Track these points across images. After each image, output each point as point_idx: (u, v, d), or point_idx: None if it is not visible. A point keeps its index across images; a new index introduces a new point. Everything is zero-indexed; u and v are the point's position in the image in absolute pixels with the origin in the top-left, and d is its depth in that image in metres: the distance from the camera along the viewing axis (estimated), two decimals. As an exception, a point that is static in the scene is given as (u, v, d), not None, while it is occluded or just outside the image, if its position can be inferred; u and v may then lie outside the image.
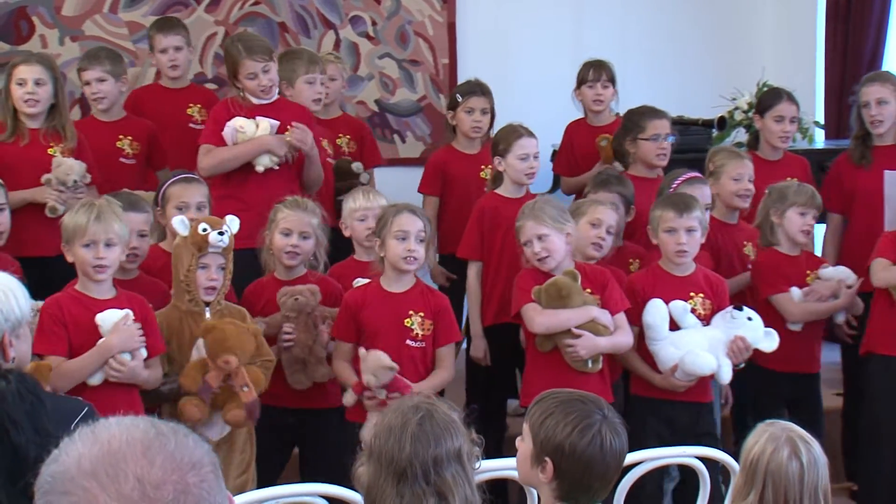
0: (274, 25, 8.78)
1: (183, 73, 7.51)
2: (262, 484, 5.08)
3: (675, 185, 6.35)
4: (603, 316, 5.71)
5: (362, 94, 8.90)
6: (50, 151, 6.52)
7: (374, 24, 9.02)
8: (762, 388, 6.49)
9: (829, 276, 6.37)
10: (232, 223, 5.58)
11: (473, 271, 6.61)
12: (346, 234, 6.32)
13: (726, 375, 5.84)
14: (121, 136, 7.08)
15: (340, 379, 5.70)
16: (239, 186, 6.58)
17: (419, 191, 7.19)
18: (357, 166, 7.30)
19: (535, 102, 7.81)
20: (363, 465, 3.32)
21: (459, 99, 7.23)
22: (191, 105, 7.46)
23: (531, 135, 6.70)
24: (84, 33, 8.50)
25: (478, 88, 7.27)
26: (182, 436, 1.90)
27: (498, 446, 6.34)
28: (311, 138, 6.59)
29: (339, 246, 6.46)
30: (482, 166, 7.15)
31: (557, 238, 5.75)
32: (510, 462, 4.06)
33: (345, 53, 8.82)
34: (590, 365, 5.63)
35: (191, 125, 7.37)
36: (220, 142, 6.56)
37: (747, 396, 6.54)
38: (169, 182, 6.10)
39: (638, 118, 7.16)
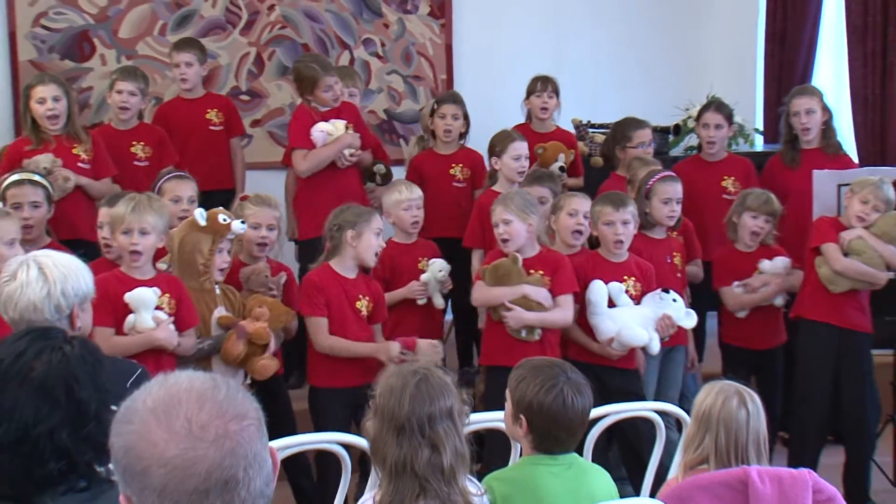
0: (298, 46, 8.63)
1: (193, 86, 7.38)
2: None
3: (651, 183, 6.20)
4: (537, 294, 5.63)
5: (373, 104, 8.79)
6: (74, 151, 6.50)
7: (382, 45, 8.89)
8: (728, 362, 6.45)
9: (767, 270, 6.30)
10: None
11: (476, 257, 6.48)
12: (390, 221, 6.25)
13: (655, 347, 5.77)
14: (134, 142, 6.99)
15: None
16: (331, 178, 6.59)
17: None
18: (378, 167, 7.16)
19: (517, 111, 7.55)
20: (370, 420, 3.27)
21: (435, 107, 7.23)
22: (209, 110, 7.37)
23: (522, 139, 6.70)
24: (137, 53, 8.36)
25: (450, 97, 7.31)
26: (234, 391, 1.94)
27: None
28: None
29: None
30: (452, 164, 7.14)
31: (519, 225, 5.68)
32: (495, 415, 4.05)
33: (358, 70, 8.51)
34: (523, 334, 5.59)
35: (210, 128, 7.34)
36: (311, 145, 6.62)
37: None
38: (164, 179, 6.08)
39: (625, 129, 7.10)
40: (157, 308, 4.99)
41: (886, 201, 5.99)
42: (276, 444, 4.03)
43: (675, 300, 5.87)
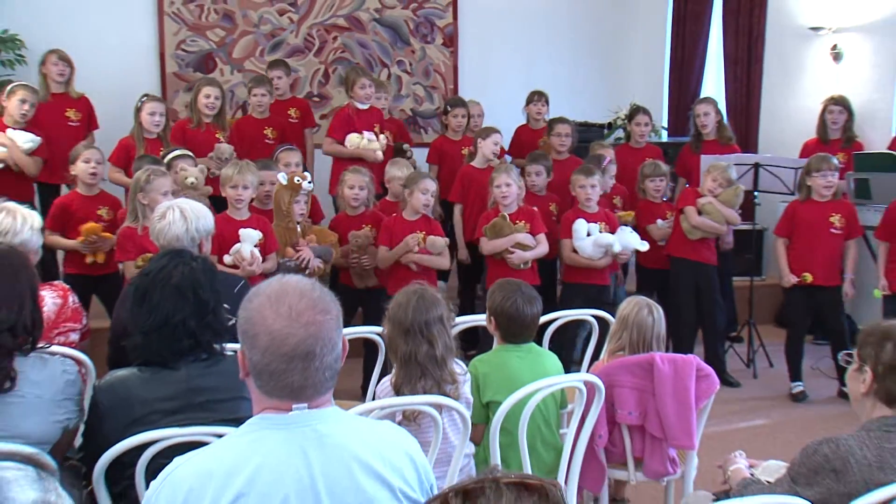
0: (352, 64, 8.33)
1: (283, 92, 7.37)
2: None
3: (604, 164, 6.38)
4: (525, 239, 5.64)
5: (403, 105, 8.82)
6: (217, 136, 6.45)
7: (410, 64, 8.88)
8: (672, 275, 6.40)
9: (660, 227, 6.38)
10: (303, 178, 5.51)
11: (458, 210, 6.53)
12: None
13: (625, 253, 5.90)
14: (266, 127, 6.90)
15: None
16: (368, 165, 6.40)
17: (426, 161, 7.10)
18: (406, 146, 7.15)
19: (502, 112, 7.54)
20: (385, 326, 3.30)
21: (448, 108, 7.25)
22: (290, 108, 7.36)
23: (499, 132, 6.63)
24: (245, 67, 8.35)
25: (458, 102, 7.32)
26: (325, 293, 1.98)
27: (472, 305, 6.51)
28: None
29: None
30: (462, 148, 7.05)
31: (515, 188, 5.72)
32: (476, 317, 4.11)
33: (393, 81, 8.63)
34: (521, 266, 5.58)
35: (290, 120, 7.28)
36: (340, 136, 6.66)
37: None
38: (280, 150, 6.03)
39: (552, 124, 7.07)
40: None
41: (729, 180, 6.14)
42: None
43: (631, 231, 5.95)
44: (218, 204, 5.19)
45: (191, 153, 5.79)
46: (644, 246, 5.96)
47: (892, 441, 2.55)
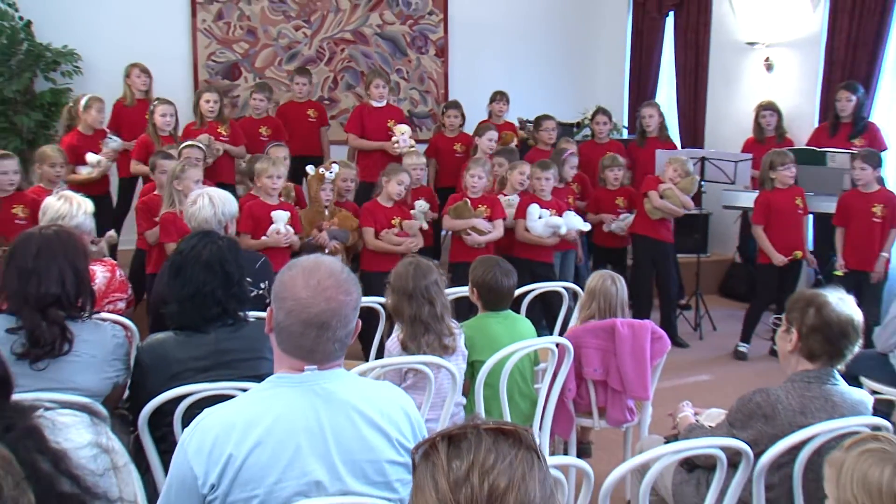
0: (357, 73, 8.43)
1: (306, 96, 7.31)
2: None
3: (564, 156, 6.26)
4: (480, 224, 5.55)
5: (401, 106, 8.36)
6: (218, 130, 6.36)
7: (407, 72, 8.75)
8: (634, 250, 6.40)
9: (622, 220, 6.35)
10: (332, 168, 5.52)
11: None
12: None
13: (571, 233, 5.82)
14: (262, 126, 6.84)
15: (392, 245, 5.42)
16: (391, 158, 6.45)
17: (424, 154, 6.71)
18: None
19: (485, 113, 7.47)
20: (389, 296, 3.28)
21: (445, 110, 7.18)
22: (308, 109, 7.28)
23: (494, 129, 6.67)
24: (265, 76, 8.18)
25: (453, 104, 7.18)
26: (352, 278, 1.96)
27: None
28: None
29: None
30: (454, 144, 6.98)
31: (484, 180, 5.68)
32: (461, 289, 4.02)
33: (393, 87, 8.44)
34: (477, 247, 5.48)
35: (309, 119, 7.23)
36: (357, 131, 6.74)
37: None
38: (270, 147, 5.93)
39: (539, 121, 7.04)
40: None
41: (687, 171, 6.10)
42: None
43: (575, 215, 5.90)
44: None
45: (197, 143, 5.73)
46: (586, 226, 5.94)
47: (812, 390, 2.58)
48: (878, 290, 5.67)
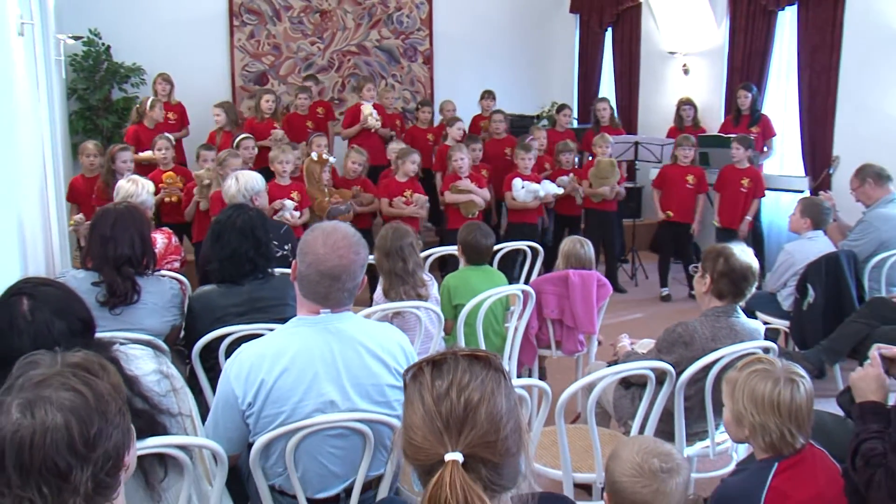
0: (359, 77, 8.09)
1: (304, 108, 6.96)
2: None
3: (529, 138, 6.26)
4: (476, 190, 5.41)
5: (396, 104, 8.33)
6: (274, 125, 6.35)
7: (399, 77, 8.54)
8: (586, 219, 6.22)
9: (566, 181, 6.01)
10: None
11: (438, 176, 6.26)
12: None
13: (548, 196, 5.70)
14: (307, 121, 6.78)
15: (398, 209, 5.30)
16: (366, 139, 6.41)
17: (403, 141, 6.54)
18: (392, 134, 6.86)
19: (463, 108, 7.32)
20: (375, 253, 3.13)
21: (419, 107, 7.20)
22: (318, 108, 7.09)
23: (461, 120, 6.51)
24: (287, 81, 7.99)
25: (426, 102, 7.31)
26: (362, 241, 1.91)
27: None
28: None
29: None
30: (427, 134, 6.96)
31: (468, 160, 5.50)
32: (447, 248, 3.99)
33: (389, 88, 8.26)
34: (470, 215, 5.30)
35: (318, 116, 7.02)
36: (350, 126, 6.58)
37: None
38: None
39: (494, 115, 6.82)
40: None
41: (608, 145, 5.94)
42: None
43: (550, 182, 5.76)
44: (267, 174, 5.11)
45: (252, 136, 5.70)
46: (559, 190, 5.80)
47: (720, 322, 2.59)
48: (748, 243, 5.73)
